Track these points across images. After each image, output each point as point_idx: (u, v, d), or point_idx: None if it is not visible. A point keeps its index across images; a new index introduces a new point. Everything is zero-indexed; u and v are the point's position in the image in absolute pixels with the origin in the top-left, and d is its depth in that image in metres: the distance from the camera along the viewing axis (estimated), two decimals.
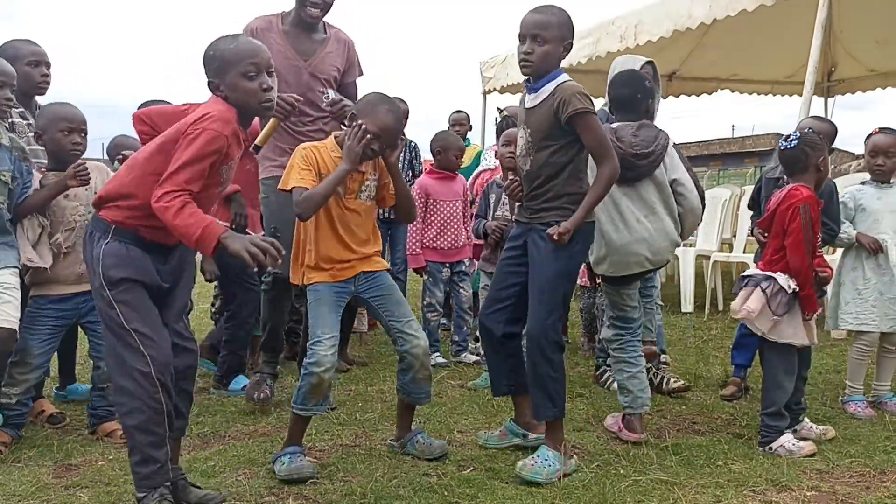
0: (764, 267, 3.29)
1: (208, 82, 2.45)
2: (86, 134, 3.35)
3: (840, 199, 3.84)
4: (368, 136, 2.85)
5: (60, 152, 3.27)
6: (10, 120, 3.42)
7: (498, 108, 5.33)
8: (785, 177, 3.98)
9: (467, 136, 6.83)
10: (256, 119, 2.80)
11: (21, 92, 3.47)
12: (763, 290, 3.21)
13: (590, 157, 2.98)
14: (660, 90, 4.04)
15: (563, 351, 3.01)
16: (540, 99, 2.94)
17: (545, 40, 2.89)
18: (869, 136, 3.89)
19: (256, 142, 3.33)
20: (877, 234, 3.77)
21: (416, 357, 2.99)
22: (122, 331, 2.39)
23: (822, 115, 8.50)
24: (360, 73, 3.93)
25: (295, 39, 3.70)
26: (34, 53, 3.59)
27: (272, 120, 3.28)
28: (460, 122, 6.81)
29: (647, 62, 3.94)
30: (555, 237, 2.83)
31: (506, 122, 4.52)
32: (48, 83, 3.66)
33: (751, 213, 4.27)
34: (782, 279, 3.20)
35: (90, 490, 2.78)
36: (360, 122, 2.87)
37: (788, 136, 3.34)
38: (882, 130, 3.84)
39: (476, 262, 4.82)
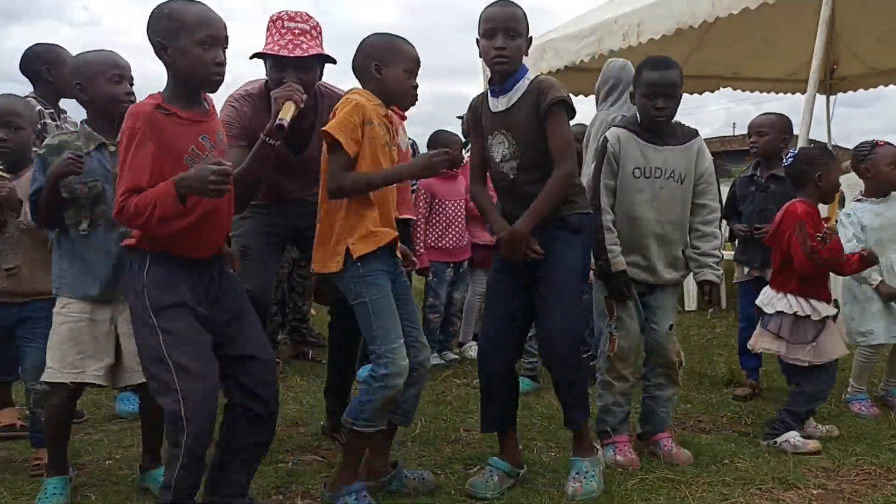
0: (773, 286, 3.35)
1: (155, 42, 2.26)
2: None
3: (839, 221, 3.80)
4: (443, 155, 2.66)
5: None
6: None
7: (458, 117, 5.40)
8: (757, 172, 4.01)
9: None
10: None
11: (60, 95, 3.54)
12: (770, 330, 3.29)
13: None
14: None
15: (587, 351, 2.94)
16: (515, 98, 2.76)
17: (517, 34, 2.72)
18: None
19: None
20: (881, 254, 3.64)
21: (426, 370, 2.76)
22: (159, 363, 2.22)
23: (825, 112, 8.53)
24: None
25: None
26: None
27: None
28: None
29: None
30: (536, 256, 2.70)
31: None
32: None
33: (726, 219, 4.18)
34: (792, 305, 3.24)
35: (98, 489, 2.79)
36: (443, 151, 2.68)
37: (790, 153, 3.40)
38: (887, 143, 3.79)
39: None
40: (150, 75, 2.39)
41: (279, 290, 5.10)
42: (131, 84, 2.76)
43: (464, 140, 5.12)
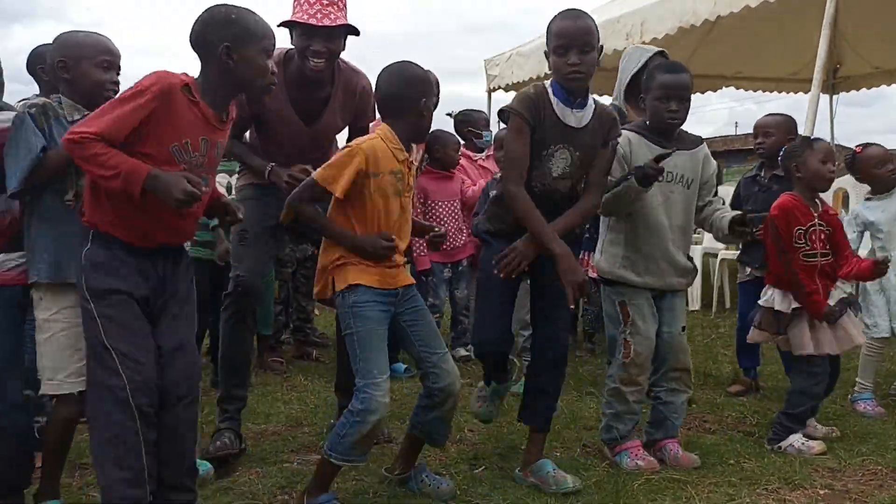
0: (765, 279, 3.39)
1: (216, 44, 2.24)
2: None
3: (847, 222, 3.82)
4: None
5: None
6: None
7: (448, 114, 5.44)
8: (762, 173, 4.02)
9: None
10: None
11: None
12: (756, 325, 3.33)
13: None
14: None
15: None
16: (587, 118, 2.77)
17: (591, 48, 2.68)
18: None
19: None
20: (892, 248, 3.72)
21: (450, 395, 2.66)
22: (102, 349, 2.19)
23: (828, 112, 8.53)
24: (372, 120, 3.48)
25: (296, 99, 3.18)
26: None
27: None
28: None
29: (658, 52, 3.95)
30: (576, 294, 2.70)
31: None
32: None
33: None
34: (769, 297, 3.28)
35: None
36: (389, 245, 2.57)
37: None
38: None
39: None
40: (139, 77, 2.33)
41: (283, 290, 5.10)
42: (118, 74, 2.62)
43: (460, 141, 5.12)
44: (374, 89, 2.79)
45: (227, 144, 2.51)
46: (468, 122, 5.32)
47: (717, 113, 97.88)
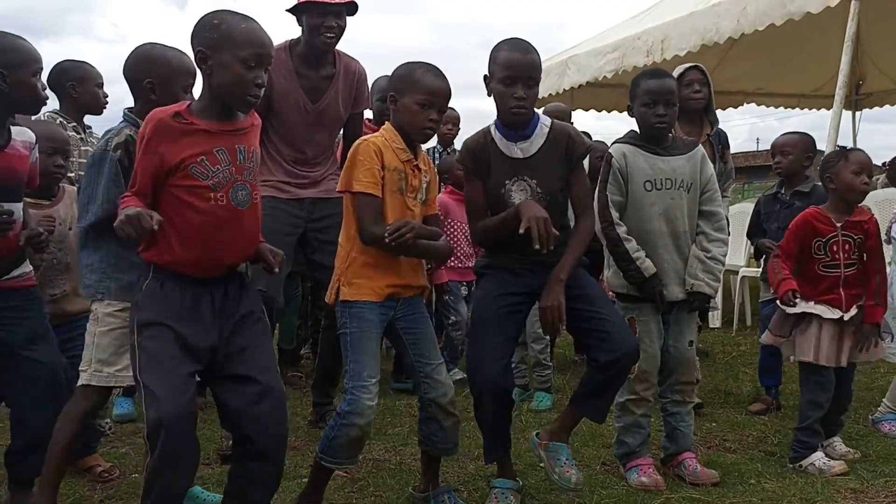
0: None
1: (197, 50, 2.20)
2: None
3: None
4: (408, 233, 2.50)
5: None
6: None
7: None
8: (782, 190, 4.01)
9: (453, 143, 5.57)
10: None
11: (85, 111, 3.71)
12: (770, 328, 3.35)
13: None
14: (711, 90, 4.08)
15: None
16: (539, 144, 2.75)
17: (536, 82, 2.70)
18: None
19: None
20: None
21: (442, 406, 2.66)
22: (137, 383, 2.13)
23: (850, 128, 8.48)
24: (367, 106, 3.82)
25: (304, 78, 3.53)
26: (99, 76, 3.73)
27: None
28: (452, 121, 5.49)
29: (692, 67, 4.04)
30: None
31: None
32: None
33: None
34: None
35: (125, 502, 2.81)
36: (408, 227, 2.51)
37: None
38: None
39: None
40: None
41: (302, 304, 5.13)
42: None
43: None
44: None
45: None
46: None
47: (739, 129, 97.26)
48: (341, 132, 3.83)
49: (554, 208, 2.74)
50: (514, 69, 2.66)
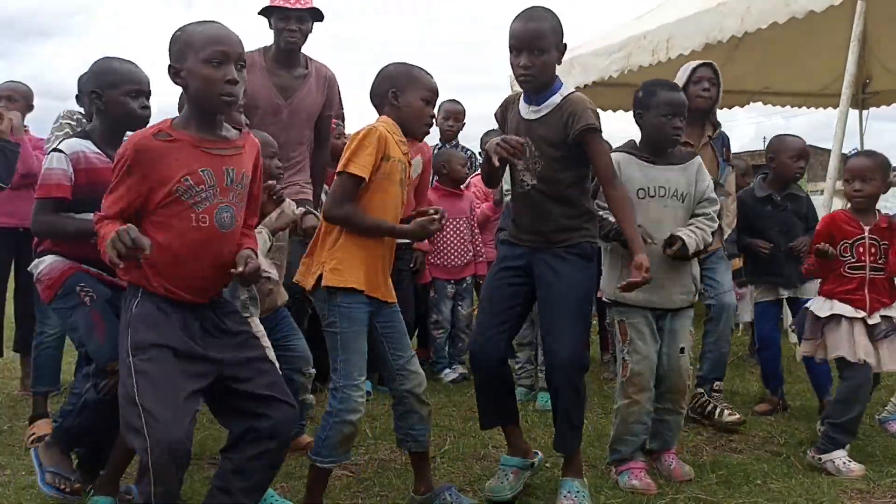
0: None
1: (168, 67, 2.19)
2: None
3: None
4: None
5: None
6: None
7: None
8: (773, 193, 4.02)
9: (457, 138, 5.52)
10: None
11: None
12: (804, 336, 3.38)
13: None
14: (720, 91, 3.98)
15: (586, 372, 2.89)
16: (545, 111, 2.78)
17: (543, 50, 2.69)
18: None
19: None
20: None
21: (417, 396, 2.69)
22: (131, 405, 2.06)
23: (857, 127, 8.43)
24: (340, 109, 4.04)
25: (276, 77, 3.81)
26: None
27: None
28: (455, 116, 5.42)
29: (704, 64, 3.97)
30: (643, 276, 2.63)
31: None
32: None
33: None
34: (811, 304, 3.37)
35: None
36: (439, 217, 2.62)
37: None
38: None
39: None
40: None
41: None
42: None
43: (471, 156, 5.12)
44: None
45: None
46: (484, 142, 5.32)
47: (745, 128, 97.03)
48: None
49: (544, 177, 2.78)
50: (516, 38, 2.71)
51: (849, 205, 3.39)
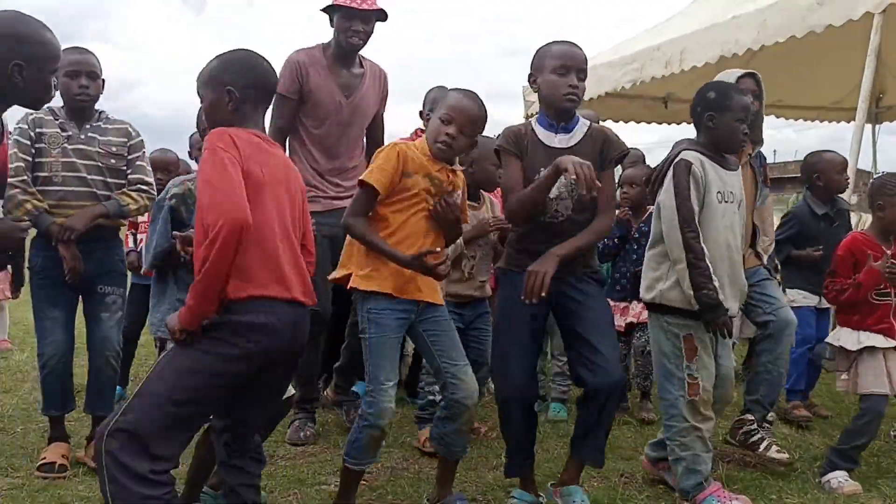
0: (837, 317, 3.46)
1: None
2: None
3: None
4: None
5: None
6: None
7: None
8: (828, 210, 4.00)
9: None
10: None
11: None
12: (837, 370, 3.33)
13: None
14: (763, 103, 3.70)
15: None
16: (577, 139, 2.80)
17: (585, 76, 2.79)
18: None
19: None
20: None
21: (467, 408, 2.68)
22: None
23: (870, 141, 8.42)
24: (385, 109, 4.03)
25: (337, 74, 3.75)
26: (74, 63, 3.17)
27: None
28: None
29: (747, 74, 3.62)
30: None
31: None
32: (89, 96, 3.22)
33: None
34: (836, 334, 3.31)
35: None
36: (442, 261, 2.59)
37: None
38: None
39: None
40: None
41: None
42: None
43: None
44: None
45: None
46: None
47: None
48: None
49: (582, 206, 2.77)
50: (569, 59, 2.76)
51: (866, 225, 3.37)
